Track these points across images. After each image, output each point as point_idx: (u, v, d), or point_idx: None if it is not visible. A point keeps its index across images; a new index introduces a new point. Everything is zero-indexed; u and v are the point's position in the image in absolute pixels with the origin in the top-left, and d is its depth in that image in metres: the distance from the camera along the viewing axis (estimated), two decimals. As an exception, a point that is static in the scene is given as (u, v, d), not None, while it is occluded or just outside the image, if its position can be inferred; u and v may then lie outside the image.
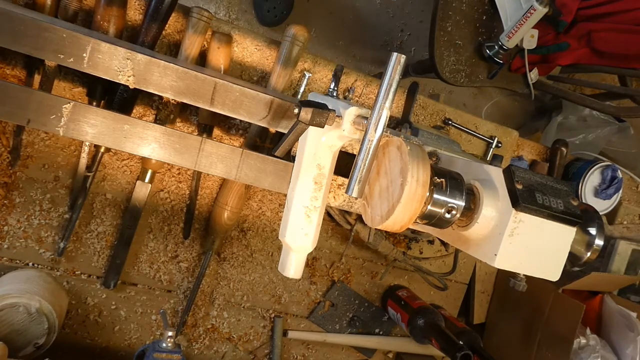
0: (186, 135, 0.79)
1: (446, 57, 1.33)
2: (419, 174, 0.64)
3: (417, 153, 0.66)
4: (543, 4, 1.18)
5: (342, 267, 1.20)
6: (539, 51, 1.37)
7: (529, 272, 0.70)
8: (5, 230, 0.95)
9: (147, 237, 1.03)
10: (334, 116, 0.69)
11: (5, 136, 0.91)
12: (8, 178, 0.93)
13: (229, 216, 1.02)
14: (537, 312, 1.25)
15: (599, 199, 1.35)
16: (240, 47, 1.01)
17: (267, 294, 1.15)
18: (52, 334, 0.87)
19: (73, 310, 1.01)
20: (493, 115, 2.19)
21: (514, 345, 1.31)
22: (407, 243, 1.24)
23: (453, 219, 0.70)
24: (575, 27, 1.35)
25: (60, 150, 0.95)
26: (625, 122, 1.87)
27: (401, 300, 1.21)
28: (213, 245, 1.04)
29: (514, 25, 1.25)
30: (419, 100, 1.17)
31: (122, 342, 1.06)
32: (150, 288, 1.06)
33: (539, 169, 1.32)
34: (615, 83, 1.78)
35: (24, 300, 0.85)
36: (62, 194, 0.97)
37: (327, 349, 1.24)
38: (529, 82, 1.39)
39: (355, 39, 1.99)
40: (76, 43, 0.71)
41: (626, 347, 1.21)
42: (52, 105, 0.72)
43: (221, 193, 1.03)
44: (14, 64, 0.89)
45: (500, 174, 0.69)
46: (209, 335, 1.12)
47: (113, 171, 0.99)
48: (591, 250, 0.75)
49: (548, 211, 0.67)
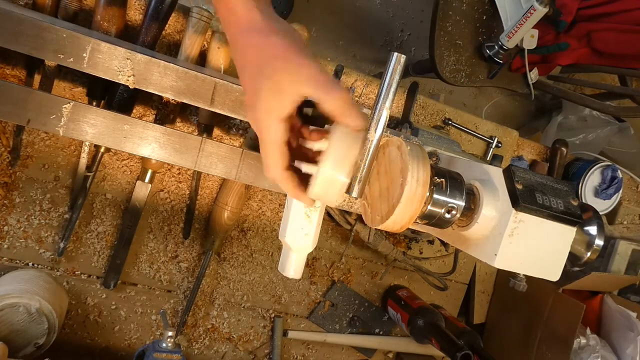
0: (186, 135, 0.79)
1: (446, 57, 1.33)
2: (419, 174, 0.64)
3: (417, 153, 0.66)
4: (543, 4, 1.18)
5: (342, 267, 1.20)
6: (539, 51, 1.37)
7: (529, 272, 0.70)
8: (5, 230, 0.95)
9: (147, 237, 1.03)
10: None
11: (5, 136, 0.91)
12: (8, 178, 0.93)
13: (229, 216, 1.02)
14: (537, 312, 1.25)
15: (599, 199, 1.35)
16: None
17: (267, 294, 1.15)
18: (52, 334, 0.87)
19: (73, 310, 1.01)
20: (493, 115, 2.20)
21: (514, 345, 1.31)
22: (407, 243, 1.24)
23: (453, 219, 0.70)
24: (575, 27, 1.35)
25: (61, 150, 0.95)
26: (625, 122, 1.87)
27: (401, 300, 1.21)
28: (213, 245, 1.04)
29: (514, 25, 1.25)
30: (419, 100, 1.17)
31: (122, 342, 1.06)
32: (151, 288, 1.06)
33: (539, 169, 1.32)
34: (615, 83, 1.78)
35: (24, 300, 0.85)
36: (62, 194, 0.97)
37: (327, 349, 1.24)
38: (529, 82, 1.39)
39: (355, 39, 1.99)
40: (76, 43, 0.71)
41: (626, 347, 1.21)
42: (52, 105, 0.72)
43: (221, 193, 1.03)
44: (14, 63, 0.89)
45: (500, 174, 0.69)
46: (209, 335, 1.12)
47: (113, 171, 0.99)
48: (591, 250, 0.75)
49: (548, 211, 0.67)
